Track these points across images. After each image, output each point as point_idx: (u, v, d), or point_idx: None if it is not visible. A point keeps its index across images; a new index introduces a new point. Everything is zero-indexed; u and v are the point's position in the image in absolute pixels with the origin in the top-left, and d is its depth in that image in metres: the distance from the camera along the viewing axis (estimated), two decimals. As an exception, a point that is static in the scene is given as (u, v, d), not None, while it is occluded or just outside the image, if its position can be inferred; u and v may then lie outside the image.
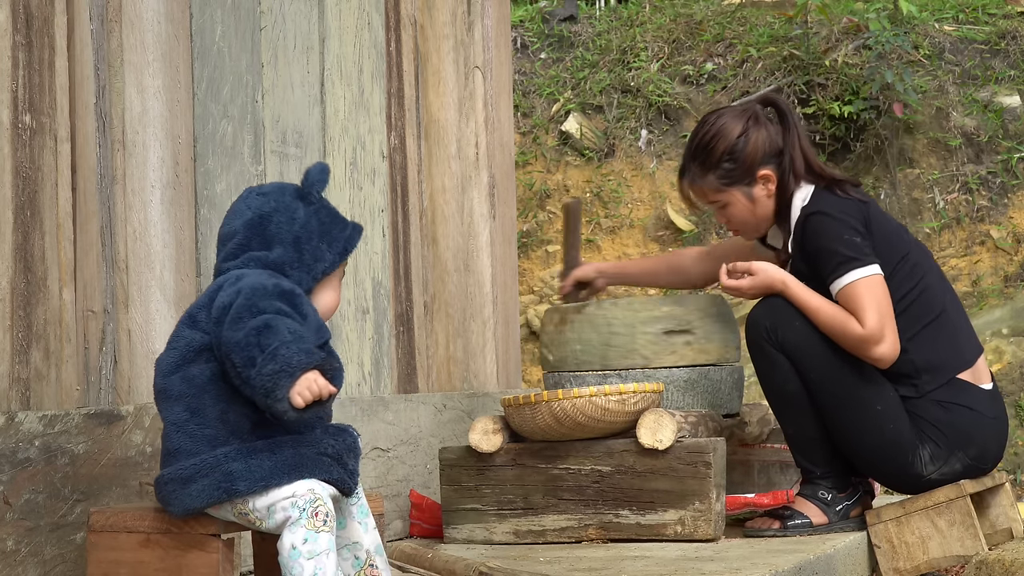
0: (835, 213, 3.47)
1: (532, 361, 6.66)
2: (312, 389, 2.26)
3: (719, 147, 3.54)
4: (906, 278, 3.51)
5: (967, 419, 3.47)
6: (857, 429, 3.46)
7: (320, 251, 2.50)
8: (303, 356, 2.27)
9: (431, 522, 3.71)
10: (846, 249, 3.42)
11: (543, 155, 7.42)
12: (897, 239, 3.56)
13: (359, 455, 2.48)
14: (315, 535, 2.29)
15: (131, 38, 3.05)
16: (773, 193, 3.56)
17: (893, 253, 3.51)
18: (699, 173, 3.58)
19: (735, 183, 3.55)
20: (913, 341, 3.49)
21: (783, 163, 3.55)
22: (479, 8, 4.42)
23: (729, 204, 3.58)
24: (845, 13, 7.41)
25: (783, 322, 3.47)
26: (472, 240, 4.32)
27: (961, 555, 3.44)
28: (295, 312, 2.37)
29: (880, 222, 3.55)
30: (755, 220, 3.60)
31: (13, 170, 2.73)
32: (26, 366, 2.74)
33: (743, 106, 3.62)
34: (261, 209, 2.51)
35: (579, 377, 3.71)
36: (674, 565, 3.03)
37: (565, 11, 8.17)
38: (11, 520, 2.60)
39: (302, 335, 2.32)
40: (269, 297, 2.36)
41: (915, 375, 3.48)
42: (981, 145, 6.80)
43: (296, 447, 2.35)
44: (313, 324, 2.42)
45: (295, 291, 2.41)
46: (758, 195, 3.56)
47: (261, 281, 2.39)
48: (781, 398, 3.52)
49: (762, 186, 3.55)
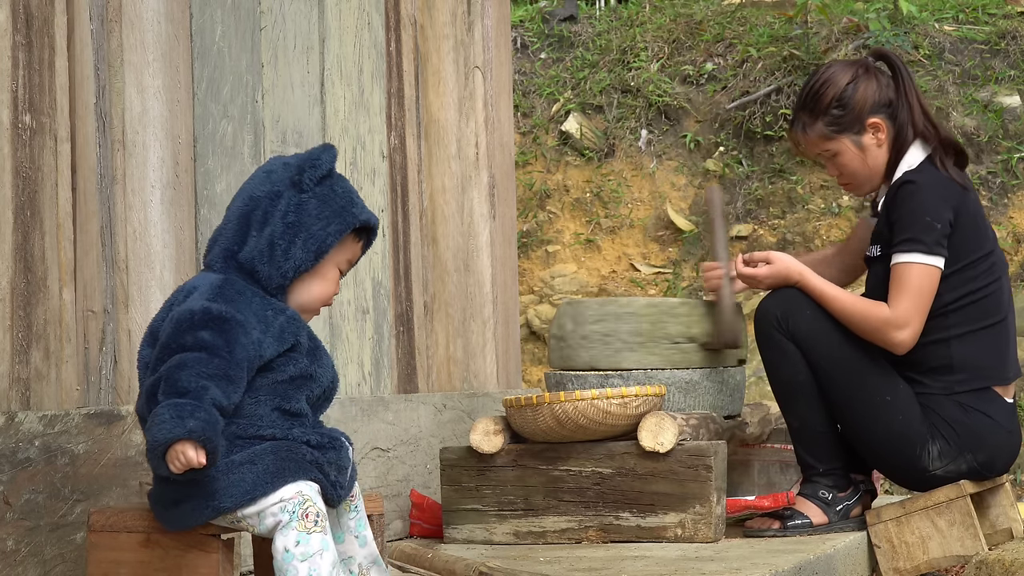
0: (928, 190, 3.44)
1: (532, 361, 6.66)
2: (180, 461, 2.22)
3: (828, 94, 3.53)
4: (981, 275, 3.49)
5: (984, 425, 3.46)
6: (866, 419, 3.46)
7: (292, 248, 2.41)
8: (167, 429, 2.19)
9: (431, 522, 3.71)
10: (921, 230, 3.40)
11: (543, 155, 7.42)
12: (984, 235, 3.53)
13: (346, 467, 2.43)
14: (307, 536, 2.29)
15: (131, 38, 3.05)
16: (884, 143, 3.54)
17: (976, 246, 3.49)
18: (809, 121, 3.56)
19: (844, 130, 3.53)
20: (965, 337, 3.47)
21: (895, 114, 3.53)
22: (479, 8, 4.42)
23: (839, 153, 3.55)
24: (845, 13, 7.41)
25: (794, 311, 3.47)
26: (472, 240, 4.32)
27: (961, 555, 3.44)
28: (220, 339, 2.30)
29: (972, 213, 3.51)
30: (867, 171, 3.56)
31: (13, 170, 2.73)
32: (26, 366, 2.74)
33: (854, 58, 3.60)
34: (254, 192, 2.45)
35: (581, 378, 3.71)
36: (674, 565, 3.03)
37: (565, 11, 8.17)
38: (11, 520, 2.60)
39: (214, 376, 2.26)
40: (191, 329, 2.30)
41: (950, 371, 3.46)
42: (981, 145, 6.80)
43: (276, 454, 2.33)
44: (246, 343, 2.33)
45: (223, 316, 2.32)
46: (868, 144, 3.53)
47: (190, 308, 2.33)
48: (789, 389, 3.52)
49: (872, 135, 3.53)
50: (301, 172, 2.43)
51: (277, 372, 2.39)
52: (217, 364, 2.28)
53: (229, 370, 2.29)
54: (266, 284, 2.42)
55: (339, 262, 2.49)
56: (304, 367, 2.42)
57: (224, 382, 2.28)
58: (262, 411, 2.36)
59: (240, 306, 2.36)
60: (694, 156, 7.26)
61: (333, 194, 2.45)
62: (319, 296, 2.49)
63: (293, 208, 2.42)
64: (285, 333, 2.40)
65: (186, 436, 2.20)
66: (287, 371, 2.39)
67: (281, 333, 2.39)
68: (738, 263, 3.53)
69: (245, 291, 2.40)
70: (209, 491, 2.31)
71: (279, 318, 2.40)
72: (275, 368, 2.39)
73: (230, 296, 2.37)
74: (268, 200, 2.43)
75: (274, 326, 2.39)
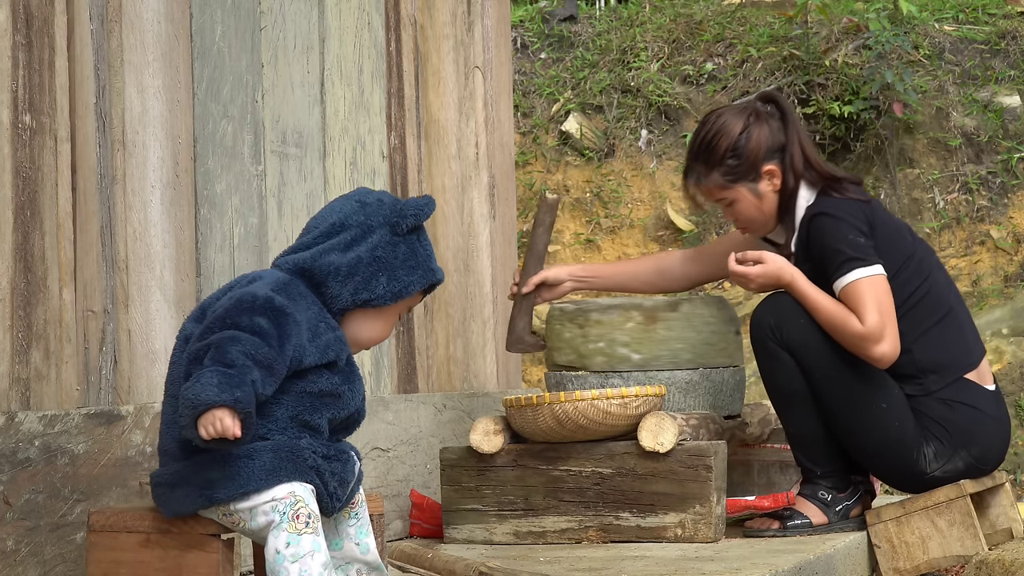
0: (839, 214, 3.47)
1: (532, 361, 6.66)
2: (215, 427, 2.22)
3: (722, 144, 3.54)
4: (912, 277, 3.51)
5: (971, 418, 3.47)
6: (862, 427, 3.46)
7: (374, 281, 2.46)
8: (214, 393, 2.21)
9: (431, 522, 3.71)
10: (849, 249, 3.42)
11: (543, 155, 7.42)
12: (901, 238, 3.56)
13: (349, 480, 2.44)
14: (297, 537, 2.29)
15: (131, 38, 3.05)
16: (779, 188, 3.56)
17: (898, 252, 3.51)
18: (704, 172, 3.57)
19: (740, 179, 3.55)
20: (920, 340, 3.49)
21: (785, 158, 3.55)
22: (479, 8, 4.42)
23: (736, 201, 3.58)
24: (845, 13, 7.41)
25: (787, 319, 3.47)
26: (472, 240, 4.32)
27: (961, 555, 3.44)
28: (274, 331, 2.32)
29: (884, 221, 3.55)
30: (763, 216, 3.60)
31: (13, 170, 2.73)
32: (26, 366, 2.74)
33: (743, 104, 3.62)
34: (346, 217, 2.48)
35: (581, 378, 3.71)
36: (674, 565, 3.03)
37: (565, 11, 8.17)
38: (11, 520, 2.60)
39: (260, 361, 2.28)
40: (251, 312, 2.32)
41: (921, 374, 3.49)
42: (981, 145, 6.80)
43: (275, 453, 2.33)
44: (298, 343, 2.36)
45: (285, 310, 2.35)
46: (764, 191, 3.56)
47: (253, 291, 2.36)
48: (784, 396, 3.52)
49: (767, 181, 3.55)
50: (401, 216, 2.48)
51: (307, 382, 2.40)
52: (267, 352, 2.30)
53: (275, 361, 2.31)
54: (331, 302, 2.46)
55: (401, 309, 2.54)
56: (335, 385, 2.44)
57: (267, 371, 2.29)
58: (279, 414, 2.37)
59: (300, 307, 2.40)
60: (694, 156, 7.26)
61: (420, 246, 2.52)
62: (376, 336, 2.53)
63: (384, 246, 2.47)
64: (329, 349, 2.42)
65: (232, 403, 2.21)
66: (318, 384, 2.41)
67: (326, 347, 2.42)
68: (731, 261, 3.53)
69: (307, 296, 2.43)
70: (205, 480, 2.32)
71: (329, 333, 2.43)
72: (307, 377, 2.40)
73: (293, 295, 2.41)
74: (359, 229, 2.47)
75: (322, 338, 2.41)
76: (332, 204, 2.53)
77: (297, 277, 2.45)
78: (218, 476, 2.30)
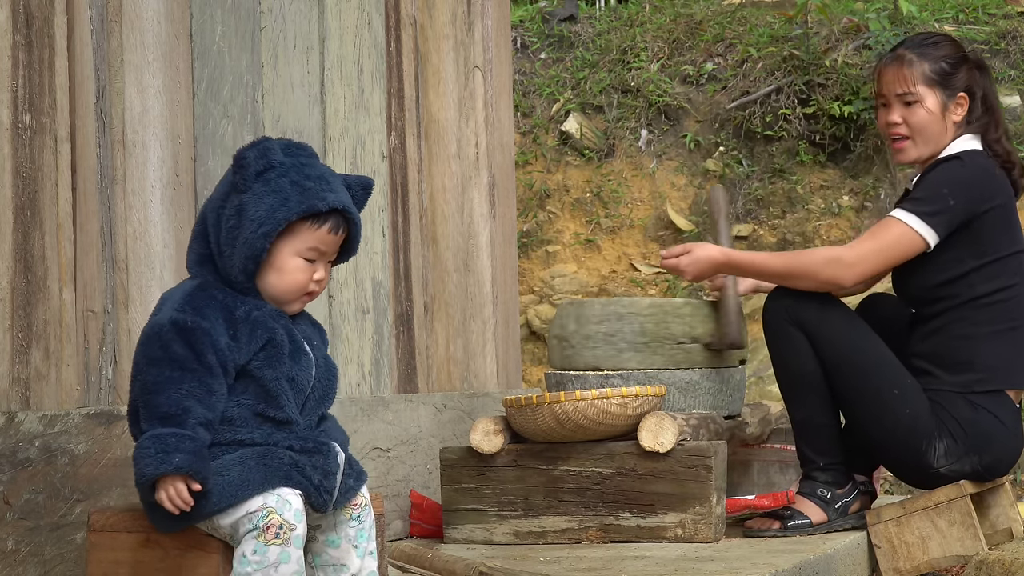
0: (967, 171, 3.46)
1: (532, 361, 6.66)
2: (171, 496, 2.24)
3: (945, 49, 3.57)
4: (1011, 274, 3.48)
5: (992, 426, 3.45)
6: (874, 411, 3.45)
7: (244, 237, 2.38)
8: (153, 465, 2.22)
9: (431, 522, 3.71)
10: (931, 198, 3.42)
11: (543, 155, 7.42)
12: (1013, 234, 3.52)
13: (333, 472, 2.40)
14: (264, 547, 2.28)
15: (131, 38, 3.05)
16: (958, 122, 3.55)
17: (1009, 243, 3.48)
18: (915, 59, 3.55)
19: (941, 85, 3.54)
20: (990, 338, 3.46)
21: (976, 102, 3.55)
22: (479, 8, 4.42)
23: (921, 103, 3.54)
24: (845, 13, 7.41)
25: (803, 300, 3.47)
26: (472, 240, 4.32)
27: (961, 555, 3.44)
28: (190, 352, 2.30)
29: (1009, 210, 3.51)
30: (930, 134, 3.55)
31: (13, 170, 2.73)
32: (26, 366, 2.74)
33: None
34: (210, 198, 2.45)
35: (581, 378, 3.71)
36: (674, 565, 3.03)
37: (565, 11, 8.17)
38: (11, 520, 2.60)
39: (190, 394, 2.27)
40: (161, 345, 2.30)
41: (972, 369, 3.46)
42: (981, 145, 6.80)
43: (243, 465, 2.31)
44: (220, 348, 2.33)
45: (191, 327, 2.32)
46: (949, 110, 3.54)
47: (157, 322, 2.33)
48: (796, 379, 3.51)
49: (955, 105, 3.55)
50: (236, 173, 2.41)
51: (255, 375, 2.37)
52: (192, 379, 2.28)
53: (207, 380, 2.29)
54: (233, 282, 2.40)
55: (299, 250, 2.42)
56: (286, 370, 2.40)
57: (205, 395, 2.28)
58: (243, 415, 2.35)
59: (207, 313, 2.35)
60: (694, 156, 7.26)
61: (274, 183, 2.40)
62: (283, 288, 2.42)
63: (235, 206, 2.39)
64: (256, 330, 2.38)
65: (173, 472, 2.22)
66: (265, 374, 2.37)
67: (252, 331, 2.37)
68: (662, 255, 3.59)
69: (216, 295, 2.38)
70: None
71: (251, 316, 2.38)
72: (252, 371, 2.37)
73: (199, 303, 2.36)
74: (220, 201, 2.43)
75: (244, 326, 2.37)
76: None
77: (204, 275, 2.41)
78: (193, 496, 2.30)
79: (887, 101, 3.58)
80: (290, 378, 2.40)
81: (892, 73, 3.57)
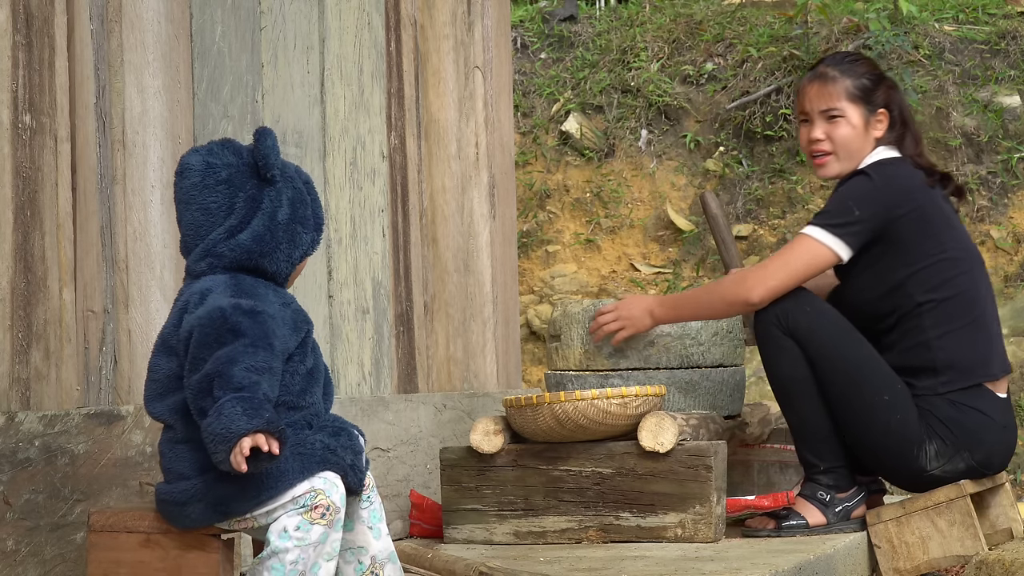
0: (870, 181, 3.52)
1: (532, 361, 6.66)
2: (263, 451, 2.23)
3: (865, 65, 3.65)
4: (946, 275, 3.49)
5: (978, 422, 3.46)
6: (863, 418, 3.46)
7: (297, 235, 2.44)
8: (244, 422, 2.21)
9: (431, 522, 3.71)
10: (835, 209, 3.49)
11: (543, 155, 7.42)
12: (948, 232, 3.53)
13: (360, 450, 2.42)
14: (309, 525, 2.29)
15: (131, 38, 3.05)
16: (877, 136, 3.61)
17: (934, 247, 3.50)
18: (839, 75, 3.62)
19: (863, 100, 3.60)
20: (943, 339, 3.47)
21: (894, 116, 3.62)
22: (479, 8, 4.42)
23: (844, 118, 3.60)
24: (845, 13, 7.41)
25: (794, 308, 3.48)
26: (472, 240, 4.32)
27: (961, 555, 3.44)
28: (261, 333, 2.31)
29: (935, 206, 3.54)
30: (852, 149, 3.60)
31: (13, 170, 2.73)
32: (26, 366, 2.74)
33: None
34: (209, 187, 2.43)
35: (581, 378, 3.71)
36: (674, 565, 3.03)
37: (565, 11, 8.17)
38: (11, 520, 2.60)
39: (262, 369, 2.27)
40: (231, 325, 2.30)
41: (936, 372, 3.47)
42: (981, 145, 6.80)
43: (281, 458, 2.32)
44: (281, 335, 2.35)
45: (256, 310, 2.33)
46: (871, 125, 3.60)
47: (219, 305, 2.32)
48: (789, 386, 3.52)
49: (877, 120, 3.61)
50: (263, 167, 2.43)
51: (296, 366, 2.39)
52: (263, 357, 2.29)
53: (273, 363, 2.31)
54: (275, 275, 2.44)
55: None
56: (316, 360, 2.45)
57: (269, 375, 2.30)
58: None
59: (265, 301, 2.38)
60: (694, 156, 7.27)
61: (296, 179, 2.52)
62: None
63: (274, 198, 2.43)
64: (299, 322, 2.42)
65: (264, 427, 2.21)
66: (305, 364, 2.41)
67: (295, 324, 2.41)
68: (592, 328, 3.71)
69: (257, 284, 2.41)
70: (218, 496, 2.31)
71: (292, 306, 2.43)
72: (294, 362, 2.39)
73: (248, 291, 2.38)
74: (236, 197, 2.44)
75: (289, 319, 2.40)
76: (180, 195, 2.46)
77: (234, 272, 2.41)
78: (231, 491, 2.29)
79: (809, 118, 3.65)
80: (318, 368, 2.45)
81: (816, 90, 3.64)
